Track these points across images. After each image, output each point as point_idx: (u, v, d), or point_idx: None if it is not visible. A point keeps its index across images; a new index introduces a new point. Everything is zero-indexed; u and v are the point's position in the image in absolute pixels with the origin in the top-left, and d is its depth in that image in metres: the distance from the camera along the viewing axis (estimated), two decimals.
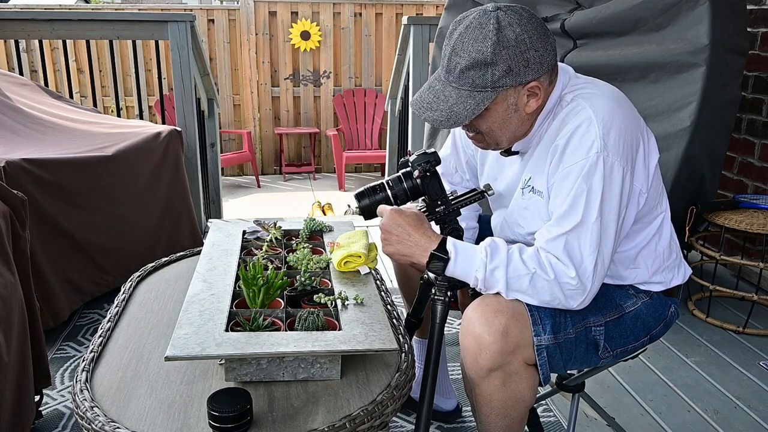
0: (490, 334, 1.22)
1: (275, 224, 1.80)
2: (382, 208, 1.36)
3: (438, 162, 1.36)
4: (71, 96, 4.04)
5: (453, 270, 1.27)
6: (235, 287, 1.46)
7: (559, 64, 1.31)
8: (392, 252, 1.33)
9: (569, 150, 1.23)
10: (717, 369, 2.24)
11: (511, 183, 1.43)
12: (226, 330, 1.26)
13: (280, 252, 1.69)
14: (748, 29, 2.87)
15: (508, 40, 1.18)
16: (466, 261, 1.26)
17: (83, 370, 1.28)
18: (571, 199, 1.21)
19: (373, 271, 1.61)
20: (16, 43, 3.81)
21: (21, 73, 3.55)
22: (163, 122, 3.71)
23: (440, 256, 1.26)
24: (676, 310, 1.46)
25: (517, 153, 1.39)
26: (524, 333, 1.24)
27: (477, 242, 1.33)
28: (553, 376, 1.69)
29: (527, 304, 1.26)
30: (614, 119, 1.22)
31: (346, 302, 1.40)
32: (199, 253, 1.79)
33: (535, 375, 1.28)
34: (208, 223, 3.74)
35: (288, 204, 6.24)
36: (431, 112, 1.26)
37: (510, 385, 1.26)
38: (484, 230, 1.67)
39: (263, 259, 1.63)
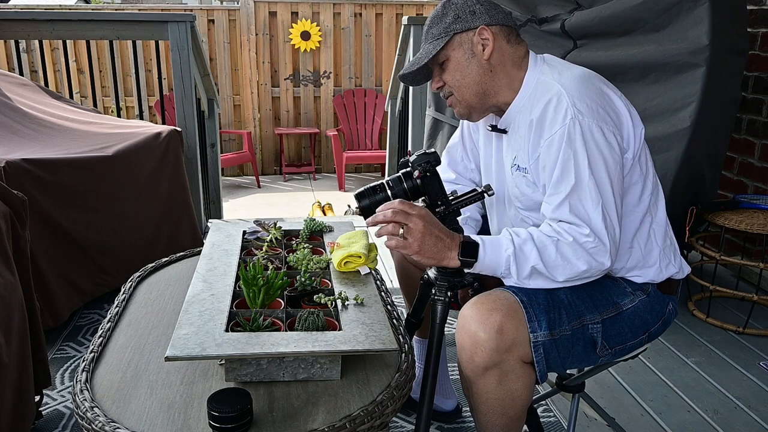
0: (486, 332, 1.23)
1: (275, 224, 1.80)
2: (401, 207, 1.30)
3: (438, 162, 1.37)
4: (71, 96, 4.04)
5: (483, 258, 1.28)
6: (235, 287, 1.46)
7: (545, 54, 1.43)
8: (425, 256, 1.29)
9: (546, 123, 1.30)
10: (717, 369, 2.24)
11: (498, 164, 1.50)
12: (226, 330, 1.26)
13: (280, 252, 1.69)
14: (748, 29, 2.87)
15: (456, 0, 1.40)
16: (494, 246, 1.29)
17: (83, 371, 1.28)
18: (561, 165, 1.27)
19: (373, 272, 1.61)
20: (16, 43, 3.81)
21: (21, 73, 3.55)
22: (163, 122, 3.71)
23: (470, 242, 1.28)
24: (674, 308, 1.46)
25: (504, 132, 1.45)
26: (519, 330, 1.25)
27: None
28: (553, 377, 1.69)
29: (522, 302, 1.27)
30: (582, 89, 1.30)
31: (346, 302, 1.40)
32: (199, 253, 1.79)
33: (531, 373, 1.28)
34: (208, 224, 3.74)
35: (288, 204, 6.24)
36: (407, 68, 1.44)
37: (506, 383, 1.26)
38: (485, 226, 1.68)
39: (263, 259, 1.63)
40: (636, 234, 1.39)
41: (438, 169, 1.66)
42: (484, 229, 1.69)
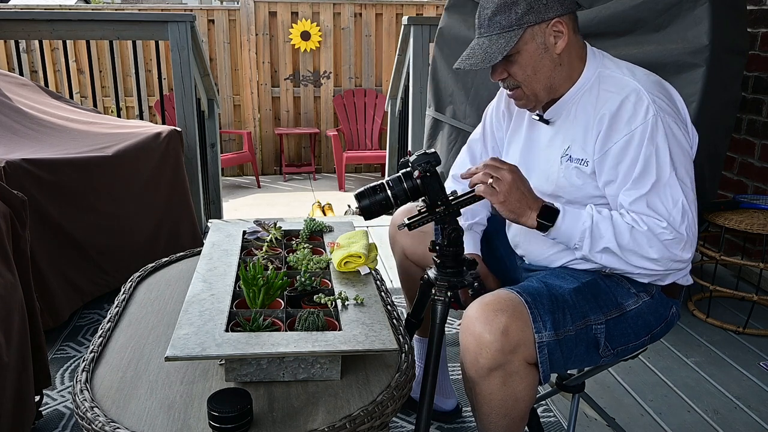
0: (491, 333, 1.22)
1: (275, 224, 1.80)
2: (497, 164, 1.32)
3: (438, 162, 1.36)
4: (71, 96, 4.05)
5: (560, 225, 1.29)
6: (235, 287, 1.46)
7: (590, 45, 1.41)
8: (507, 208, 1.31)
9: (623, 119, 1.29)
10: (717, 369, 2.24)
11: (545, 154, 1.46)
12: (226, 330, 1.26)
13: (280, 252, 1.69)
14: (748, 29, 2.87)
15: None
16: (573, 217, 1.30)
17: (83, 371, 1.28)
18: (642, 162, 1.27)
19: (373, 272, 1.61)
20: (16, 43, 3.81)
21: (21, 74, 3.55)
22: (163, 122, 3.71)
23: (552, 208, 1.29)
24: (677, 311, 1.46)
25: (547, 122, 1.43)
26: (525, 332, 1.24)
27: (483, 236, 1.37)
28: (553, 377, 1.69)
29: (527, 302, 1.26)
30: (659, 89, 1.32)
31: (346, 302, 1.40)
32: (199, 253, 1.79)
33: (535, 374, 1.28)
34: (208, 224, 3.74)
35: (288, 204, 6.24)
36: (468, 60, 1.34)
37: (510, 384, 1.26)
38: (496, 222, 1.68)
39: (263, 259, 1.63)
40: None
41: (457, 163, 1.66)
42: (489, 232, 1.68)
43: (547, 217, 1.30)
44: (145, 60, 6.53)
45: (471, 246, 1.62)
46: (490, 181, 1.30)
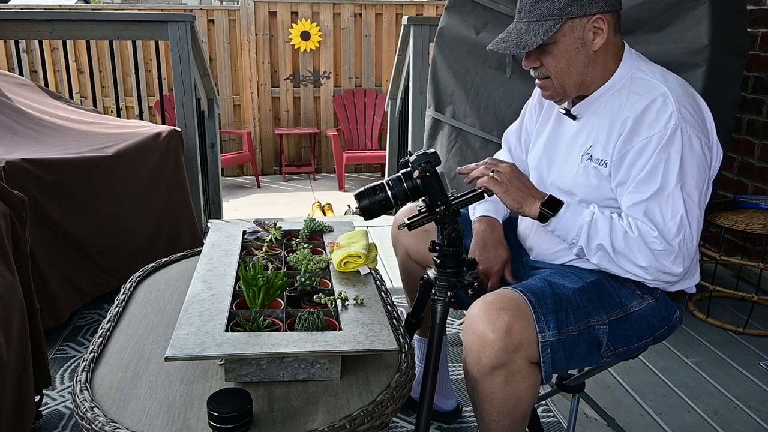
0: (494, 332, 1.22)
1: (275, 224, 1.80)
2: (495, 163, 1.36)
3: (438, 162, 1.36)
4: (71, 96, 4.05)
5: (561, 215, 1.30)
6: (235, 287, 1.46)
7: (629, 46, 1.39)
8: (511, 197, 1.32)
9: (646, 123, 1.27)
10: (717, 369, 2.24)
11: (567, 149, 1.45)
12: (226, 330, 1.26)
13: (280, 252, 1.69)
14: (748, 29, 2.87)
15: None
16: (575, 211, 1.30)
17: (83, 371, 1.28)
18: (650, 167, 1.26)
19: (373, 272, 1.61)
20: (16, 43, 3.81)
21: (21, 74, 3.55)
22: (163, 122, 3.71)
23: (556, 199, 1.31)
24: (680, 316, 1.46)
25: (574, 118, 1.42)
26: (527, 331, 1.24)
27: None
28: (553, 377, 1.69)
29: (530, 301, 1.26)
30: (687, 98, 1.29)
31: (346, 302, 1.40)
32: (199, 253, 1.79)
33: (537, 374, 1.28)
34: (208, 224, 3.74)
35: (288, 204, 6.24)
36: (504, 43, 1.33)
37: (512, 383, 1.26)
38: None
39: (263, 259, 1.63)
40: None
41: (498, 154, 1.67)
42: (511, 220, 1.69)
43: (550, 206, 1.31)
44: (145, 60, 6.53)
45: (493, 211, 1.61)
46: (491, 173, 1.31)
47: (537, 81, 1.40)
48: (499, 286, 1.54)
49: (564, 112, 1.45)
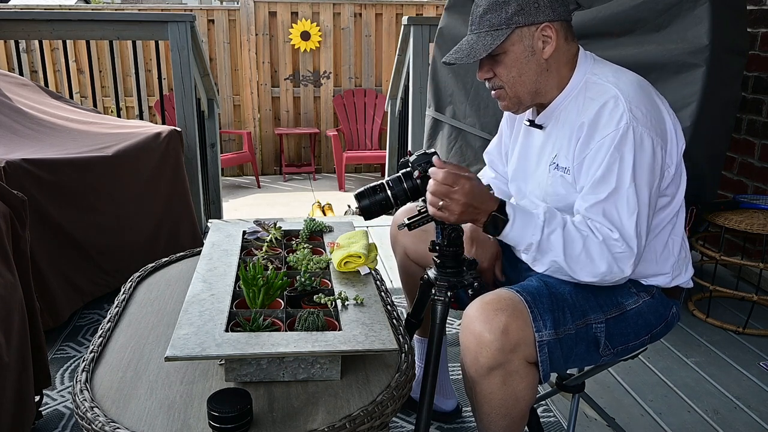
0: (491, 332, 1.22)
1: (275, 224, 1.80)
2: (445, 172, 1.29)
3: None
4: (71, 96, 4.05)
5: (508, 232, 1.28)
6: (235, 287, 1.46)
7: (584, 51, 1.39)
8: (461, 222, 1.32)
9: (599, 126, 1.27)
10: (717, 369, 2.24)
11: (537, 160, 1.46)
12: (226, 330, 1.26)
13: (280, 252, 1.69)
14: (748, 29, 2.87)
15: None
16: (524, 224, 1.27)
17: (83, 371, 1.28)
18: (604, 167, 1.26)
19: (373, 272, 1.61)
20: (16, 43, 3.81)
21: (21, 74, 3.55)
22: (163, 122, 3.71)
23: (499, 218, 1.27)
24: (677, 312, 1.46)
25: (540, 127, 1.42)
26: (525, 331, 1.24)
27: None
28: (553, 376, 1.69)
29: (527, 301, 1.26)
30: (639, 96, 1.29)
31: (346, 302, 1.40)
32: (199, 253, 1.79)
33: (535, 374, 1.28)
34: (208, 224, 3.74)
35: (288, 204, 6.24)
36: (455, 54, 1.35)
37: (510, 383, 1.26)
38: None
39: (263, 259, 1.63)
40: (654, 243, 1.38)
41: (483, 173, 1.66)
42: None
43: (496, 226, 1.28)
44: (145, 60, 6.53)
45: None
46: (441, 204, 1.27)
47: (492, 92, 1.41)
48: (490, 281, 1.55)
49: (528, 123, 1.46)
